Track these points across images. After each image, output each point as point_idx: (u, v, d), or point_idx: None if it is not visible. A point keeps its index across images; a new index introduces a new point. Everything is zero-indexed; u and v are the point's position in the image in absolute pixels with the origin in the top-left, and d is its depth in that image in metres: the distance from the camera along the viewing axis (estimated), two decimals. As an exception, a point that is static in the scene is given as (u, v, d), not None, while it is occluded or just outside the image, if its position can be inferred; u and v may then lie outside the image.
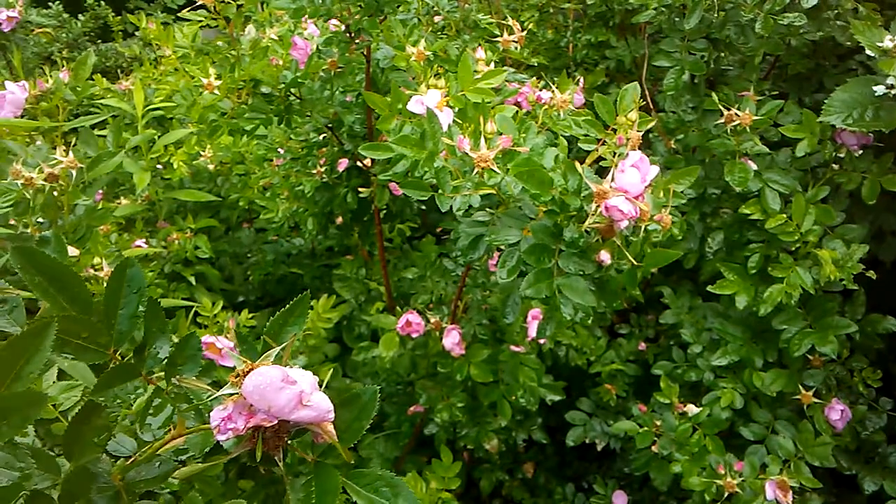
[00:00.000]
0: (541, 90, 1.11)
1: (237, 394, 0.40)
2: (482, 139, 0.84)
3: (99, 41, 3.35)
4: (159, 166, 2.04)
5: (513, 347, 1.30)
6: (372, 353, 1.33)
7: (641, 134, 0.87)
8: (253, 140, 1.94)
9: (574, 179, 0.81)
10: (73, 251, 1.10)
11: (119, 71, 3.18)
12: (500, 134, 0.88)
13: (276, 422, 0.40)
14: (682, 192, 0.93)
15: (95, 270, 1.03)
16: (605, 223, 0.80)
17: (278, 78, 1.25)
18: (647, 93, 1.87)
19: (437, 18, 1.54)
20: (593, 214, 0.79)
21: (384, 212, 1.71)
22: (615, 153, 0.90)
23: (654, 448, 1.26)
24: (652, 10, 1.34)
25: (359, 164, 1.61)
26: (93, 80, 1.75)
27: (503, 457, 1.61)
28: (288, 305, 0.45)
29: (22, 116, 1.08)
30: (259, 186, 2.02)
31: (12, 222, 1.08)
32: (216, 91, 1.17)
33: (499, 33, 1.44)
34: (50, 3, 2.95)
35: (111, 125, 1.18)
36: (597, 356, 1.52)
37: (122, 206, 1.89)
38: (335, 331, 1.84)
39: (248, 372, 0.41)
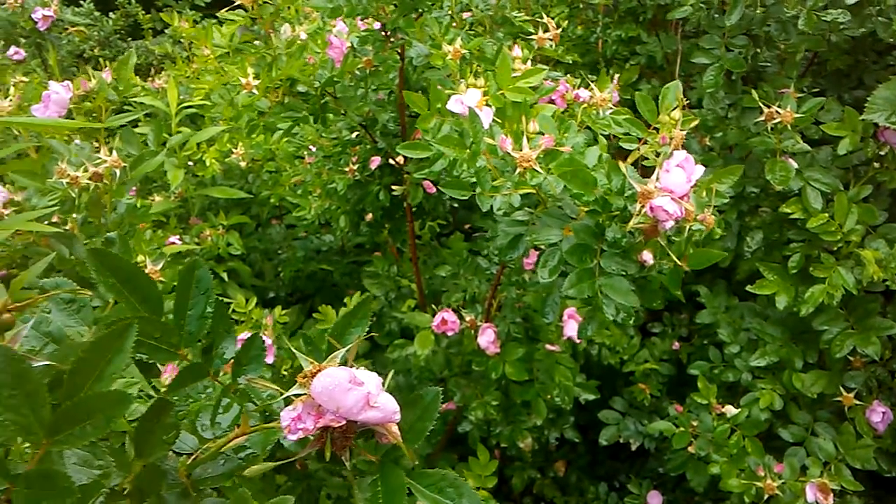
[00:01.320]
0: (578, 88, 1.11)
1: (306, 394, 0.41)
2: (524, 139, 0.84)
3: (129, 39, 3.39)
4: (190, 163, 2.07)
5: (548, 346, 1.30)
6: (407, 350, 1.34)
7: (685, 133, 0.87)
8: (283, 138, 1.96)
9: (618, 179, 0.81)
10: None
11: (149, 68, 3.22)
12: (542, 133, 0.88)
13: (344, 422, 0.41)
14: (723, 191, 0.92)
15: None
16: (649, 223, 0.80)
17: (314, 77, 1.26)
18: (679, 90, 1.86)
19: (465, 15, 1.54)
20: (637, 215, 0.78)
21: (415, 209, 1.72)
22: (657, 152, 0.89)
23: (690, 449, 1.26)
24: (689, 7, 1.32)
25: (391, 161, 1.62)
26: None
27: (535, 455, 1.61)
28: (351, 307, 0.45)
29: (66, 116, 1.10)
30: (290, 184, 2.04)
31: (55, 220, 1.10)
32: (255, 90, 1.18)
33: (532, 31, 1.44)
34: (81, 2, 3.00)
35: (152, 124, 1.20)
36: (630, 355, 1.51)
37: (156, 203, 1.92)
38: (364, 327, 1.85)
39: (315, 373, 0.41)
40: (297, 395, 0.41)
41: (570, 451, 1.70)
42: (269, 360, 1.17)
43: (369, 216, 1.84)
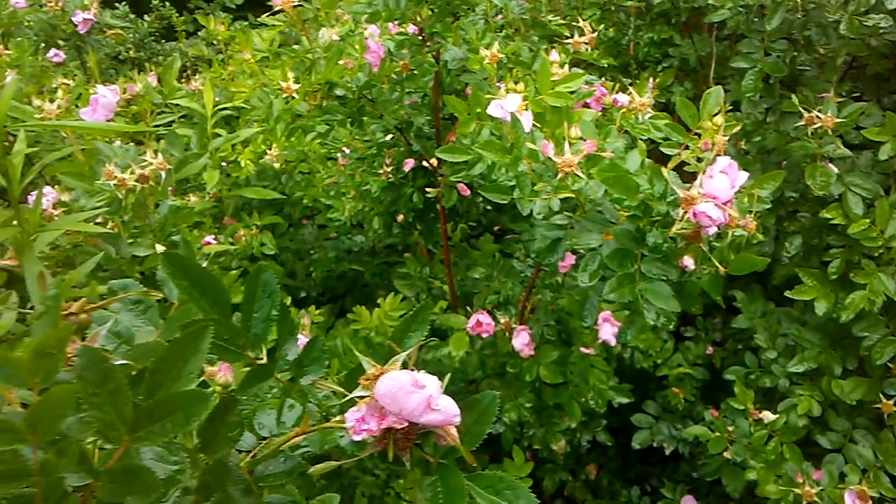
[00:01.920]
0: (616, 93, 1.11)
1: (369, 396, 0.42)
2: (566, 144, 0.84)
3: (163, 41, 3.44)
4: (223, 164, 2.10)
5: (582, 349, 1.30)
6: (441, 351, 1.35)
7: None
8: (316, 139, 1.98)
9: (660, 184, 0.81)
10: (160, 249, 1.14)
11: (183, 70, 3.27)
12: (583, 139, 0.88)
13: (406, 424, 0.42)
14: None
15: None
16: (691, 229, 0.80)
17: (352, 81, 1.27)
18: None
19: (496, 18, 1.54)
20: (680, 220, 0.78)
21: (447, 211, 1.73)
22: (699, 158, 0.89)
23: (726, 454, 1.25)
24: (726, 10, 1.32)
25: (424, 164, 1.63)
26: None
27: (566, 457, 1.61)
28: (412, 312, 0.46)
29: (113, 119, 1.13)
30: (323, 185, 2.06)
31: (98, 220, 1.13)
32: (295, 94, 1.20)
33: (568, 34, 1.44)
34: (116, 4, 3.06)
35: (196, 127, 1.22)
36: (664, 359, 1.51)
37: (191, 204, 1.95)
38: (391, 328, 1.87)
39: (378, 376, 0.42)
40: (361, 397, 0.42)
41: (601, 455, 1.70)
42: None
43: (400, 217, 1.85)
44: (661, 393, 1.52)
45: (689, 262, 0.86)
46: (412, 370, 0.44)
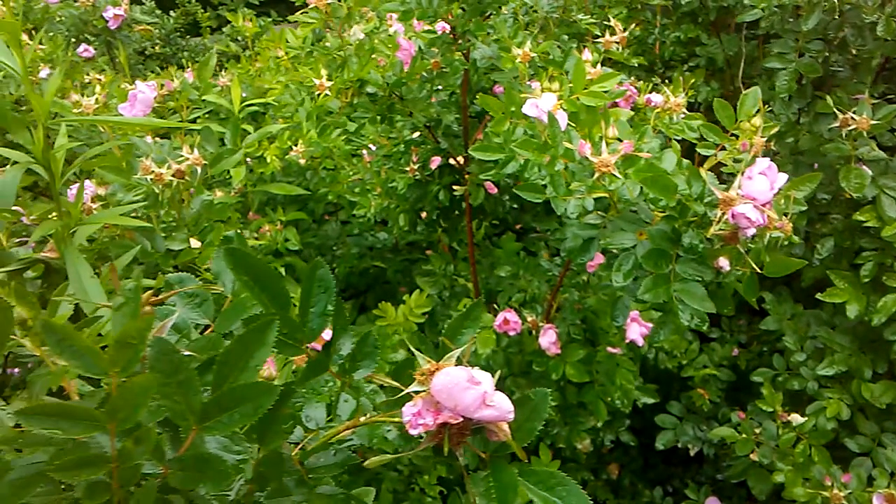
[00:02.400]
0: (650, 92, 1.11)
1: (425, 391, 0.43)
2: (603, 143, 0.85)
3: (187, 36, 3.48)
4: (247, 160, 2.12)
5: (609, 349, 1.30)
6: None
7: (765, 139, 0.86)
8: (341, 136, 1.99)
9: (698, 185, 0.81)
10: (195, 243, 1.16)
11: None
12: (619, 139, 0.88)
13: (461, 419, 0.42)
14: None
15: (218, 262, 1.09)
16: (729, 230, 0.80)
17: (384, 78, 1.28)
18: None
19: (524, 16, 1.54)
20: (718, 222, 0.78)
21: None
22: (736, 159, 0.89)
23: (753, 456, 1.25)
24: (759, 10, 1.31)
25: (451, 162, 1.64)
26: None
27: (588, 457, 1.62)
28: (464, 310, 0.47)
29: (151, 115, 1.14)
30: (348, 182, 2.07)
31: (134, 214, 1.15)
32: (328, 91, 1.20)
33: (598, 33, 1.44)
34: (143, 1, 3.09)
35: (230, 123, 1.23)
36: (689, 360, 1.51)
37: (217, 198, 1.97)
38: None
39: (433, 371, 0.43)
40: (416, 392, 0.43)
41: (623, 455, 1.70)
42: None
43: (424, 215, 1.86)
44: (686, 394, 1.51)
45: (724, 263, 0.86)
46: (466, 366, 0.44)
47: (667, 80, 2.02)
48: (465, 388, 0.42)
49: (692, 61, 2.20)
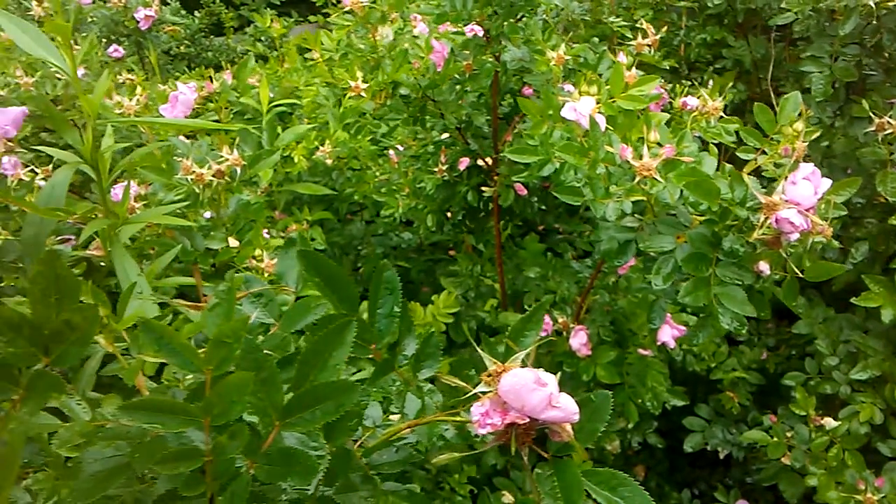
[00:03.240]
0: (685, 95, 1.11)
1: (492, 392, 0.44)
2: (644, 147, 0.85)
3: (211, 36, 3.51)
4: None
5: (640, 350, 1.31)
6: (498, 348, 1.36)
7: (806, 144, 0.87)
8: (367, 136, 2.01)
9: (740, 189, 0.81)
10: (233, 243, 1.18)
11: (230, 66, 3.33)
12: (660, 144, 0.89)
13: (527, 420, 0.43)
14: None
15: (257, 262, 1.10)
16: (772, 234, 0.80)
17: (417, 80, 1.29)
18: (771, 96, 1.83)
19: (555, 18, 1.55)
20: (761, 226, 0.79)
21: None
22: (777, 164, 0.90)
23: (784, 460, 1.25)
24: (793, 13, 1.31)
25: (479, 163, 1.65)
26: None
27: (615, 458, 1.62)
28: (527, 312, 0.48)
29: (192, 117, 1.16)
30: (375, 182, 2.08)
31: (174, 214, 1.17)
32: (363, 93, 1.22)
33: (629, 35, 1.44)
34: (168, 1, 3.13)
35: (266, 124, 1.25)
36: (718, 363, 1.51)
37: (252, 198, 1.99)
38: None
39: (500, 372, 0.44)
40: (483, 393, 0.44)
41: (649, 457, 1.70)
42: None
43: (449, 215, 1.87)
44: (714, 396, 1.51)
45: (764, 267, 0.86)
46: (530, 367, 0.45)
47: (693, 82, 2.02)
48: (532, 390, 0.43)
49: (718, 63, 2.19)
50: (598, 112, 0.98)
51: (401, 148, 1.91)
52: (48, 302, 0.41)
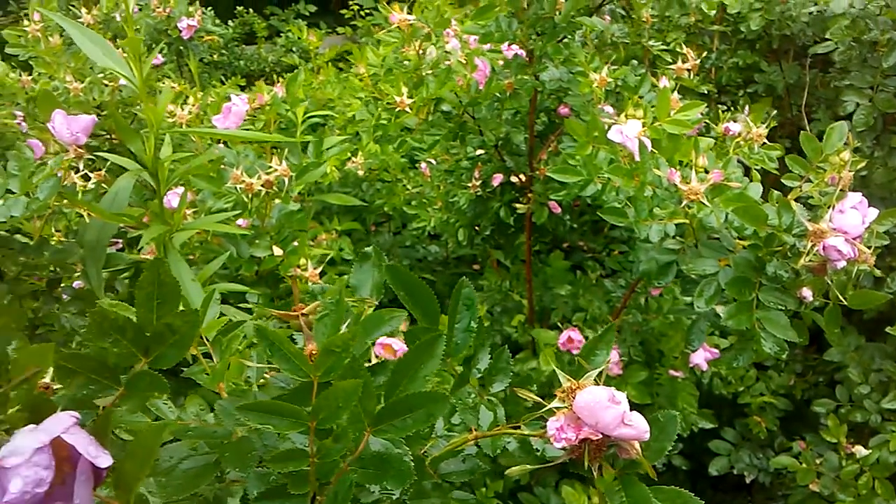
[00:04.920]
0: (728, 121, 1.13)
1: (567, 408, 0.45)
2: (692, 172, 0.87)
3: (242, 45, 3.57)
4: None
5: (672, 372, 1.32)
6: (529, 365, 1.38)
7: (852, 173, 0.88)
8: (399, 150, 2.04)
9: (788, 216, 0.83)
10: (277, 251, 1.20)
11: (260, 75, 3.39)
12: (706, 169, 0.91)
13: (600, 436, 0.45)
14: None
15: (301, 270, 1.13)
16: (818, 262, 0.81)
17: (461, 96, 1.32)
18: (804, 122, 1.85)
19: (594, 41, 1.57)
20: (808, 253, 0.80)
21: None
22: (822, 192, 0.91)
23: (813, 486, 1.25)
24: (832, 43, 1.33)
25: (512, 179, 1.67)
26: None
27: (639, 479, 1.62)
28: (599, 333, 0.50)
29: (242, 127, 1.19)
30: (405, 194, 2.11)
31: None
32: (408, 108, 1.25)
33: (670, 60, 1.46)
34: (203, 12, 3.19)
35: (313, 137, 1.28)
36: (746, 387, 1.51)
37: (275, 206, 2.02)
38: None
39: (574, 389, 0.46)
40: (558, 408, 0.46)
41: (672, 478, 1.70)
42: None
43: (477, 229, 1.89)
44: (742, 420, 1.52)
45: (807, 293, 0.87)
46: (602, 385, 0.47)
47: (728, 106, 2.03)
48: (606, 407, 0.44)
49: (750, 87, 2.21)
50: (644, 135, 1.00)
51: (433, 161, 1.93)
52: (151, 306, 0.43)
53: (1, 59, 1.74)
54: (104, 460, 0.30)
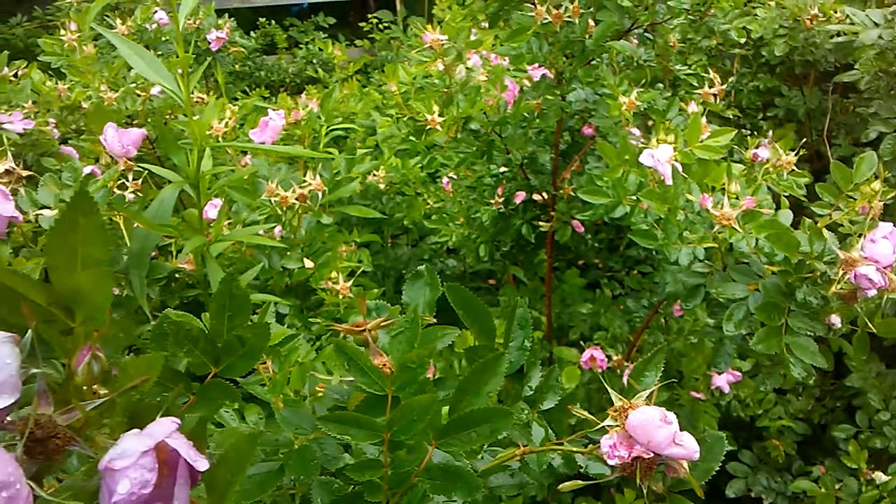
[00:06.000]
0: (756, 147, 1.15)
1: (619, 426, 0.47)
2: (725, 198, 0.89)
3: (263, 56, 3.62)
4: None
5: (693, 393, 1.33)
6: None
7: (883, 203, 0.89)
8: (418, 164, 2.06)
9: (819, 244, 0.84)
10: (309, 264, 1.23)
11: (280, 85, 3.44)
12: (736, 196, 0.92)
13: (651, 455, 0.47)
14: None
15: (333, 283, 1.15)
16: (848, 290, 0.83)
17: (491, 115, 1.35)
18: (827, 148, 1.86)
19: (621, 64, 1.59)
20: (839, 281, 0.82)
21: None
22: (852, 220, 0.93)
23: (832, 511, 1.26)
24: (859, 72, 1.34)
25: (535, 197, 1.69)
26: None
27: (656, 497, 1.63)
28: (648, 355, 0.51)
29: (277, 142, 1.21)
30: (426, 209, 2.13)
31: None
32: (439, 127, 1.27)
33: (696, 84, 1.49)
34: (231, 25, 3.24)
35: (345, 151, 1.31)
36: (764, 410, 1.52)
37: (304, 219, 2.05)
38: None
39: (626, 409, 0.48)
40: (610, 427, 0.47)
41: (689, 499, 1.70)
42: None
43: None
44: (759, 444, 1.52)
45: (836, 320, 0.89)
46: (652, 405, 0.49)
47: (750, 130, 2.05)
48: (658, 427, 0.46)
49: (769, 111, 2.23)
50: (675, 160, 1.02)
51: (454, 176, 1.96)
52: (223, 318, 0.45)
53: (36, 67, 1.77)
54: (202, 464, 0.32)
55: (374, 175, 2.28)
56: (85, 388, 0.32)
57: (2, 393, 0.30)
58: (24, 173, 0.73)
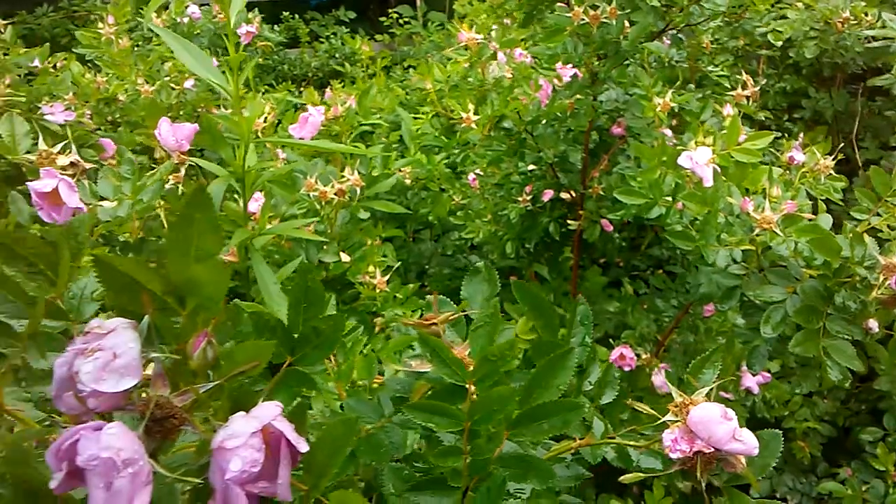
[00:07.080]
0: (792, 150, 1.16)
1: (681, 421, 0.49)
2: (766, 201, 0.90)
3: (286, 49, 3.64)
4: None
5: (722, 393, 1.34)
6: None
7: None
8: (443, 160, 2.08)
9: (860, 249, 0.85)
10: (345, 258, 1.25)
11: (302, 79, 3.46)
12: (776, 199, 0.93)
13: (712, 450, 0.48)
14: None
15: (370, 277, 1.17)
16: (888, 295, 0.84)
17: (525, 114, 1.36)
18: (855, 151, 1.86)
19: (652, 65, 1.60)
20: (880, 286, 0.83)
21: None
22: (891, 226, 0.93)
23: (859, 513, 1.26)
24: (890, 75, 1.35)
25: (562, 195, 1.70)
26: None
27: (681, 497, 1.64)
28: (706, 353, 0.53)
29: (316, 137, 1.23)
30: (451, 205, 2.15)
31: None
32: (473, 125, 1.28)
33: (730, 86, 1.49)
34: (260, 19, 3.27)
35: (383, 147, 1.32)
36: (790, 412, 1.52)
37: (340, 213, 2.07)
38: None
39: (686, 404, 0.49)
40: (671, 422, 0.49)
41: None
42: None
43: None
44: (785, 445, 1.53)
45: (873, 324, 0.89)
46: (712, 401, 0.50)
47: (777, 131, 2.05)
48: (719, 423, 0.48)
49: (796, 112, 2.22)
50: (713, 162, 1.03)
51: (480, 173, 1.97)
52: (299, 309, 0.47)
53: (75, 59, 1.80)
54: (304, 446, 0.34)
55: (401, 171, 2.30)
56: (199, 372, 0.34)
57: (126, 375, 0.32)
58: (88, 165, 0.75)
